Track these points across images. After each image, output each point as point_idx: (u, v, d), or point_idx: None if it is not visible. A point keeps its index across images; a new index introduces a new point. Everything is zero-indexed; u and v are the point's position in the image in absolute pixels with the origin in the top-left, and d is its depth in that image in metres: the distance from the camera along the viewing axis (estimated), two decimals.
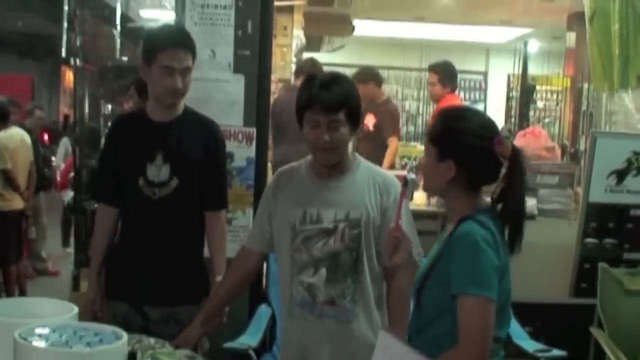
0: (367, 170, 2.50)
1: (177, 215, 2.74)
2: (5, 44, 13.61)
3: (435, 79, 5.45)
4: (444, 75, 5.43)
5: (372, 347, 1.92)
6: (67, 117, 14.48)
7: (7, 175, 6.06)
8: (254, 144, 3.69)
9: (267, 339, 3.31)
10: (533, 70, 9.12)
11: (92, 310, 2.79)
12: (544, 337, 3.50)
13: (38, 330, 1.72)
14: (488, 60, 12.67)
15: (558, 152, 5.44)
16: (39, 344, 1.66)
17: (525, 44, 8.86)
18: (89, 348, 1.67)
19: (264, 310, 3.42)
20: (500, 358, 2.04)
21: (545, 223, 4.58)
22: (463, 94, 12.10)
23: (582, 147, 6.13)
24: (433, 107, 7.25)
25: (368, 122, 5.95)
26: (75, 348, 1.67)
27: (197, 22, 3.63)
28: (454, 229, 1.99)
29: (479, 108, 12.25)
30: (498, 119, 9.72)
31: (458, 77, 5.69)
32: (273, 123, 4.76)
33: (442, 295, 1.94)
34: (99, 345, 1.69)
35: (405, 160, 6.74)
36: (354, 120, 2.41)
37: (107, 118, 7.63)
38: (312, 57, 7.51)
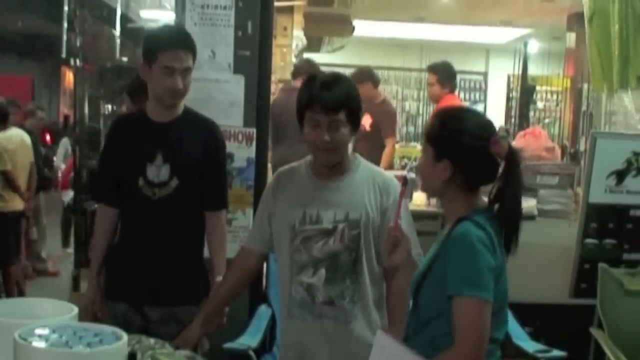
0: (367, 171, 2.50)
1: (177, 216, 2.74)
2: (6, 45, 13.62)
3: (434, 80, 5.45)
4: (443, 76, 5.43)
5: (371, 347, 1.92)
6: (67, 117, 14.48)
7: (6, 177, 6.05)
8: (254, 145, 3.70)
9: (267, 340, 3.31)
10: (533, 71, 9.11)
11: (92, 311, 2.79)
12: (544, 337, 3.50)
13: (38, 331, 1.72)
14: (488, 61, 12.67)
15: (558, 152, 5.44)
16: (39, 345, 1.66)
17: (525, 45, 8.86)
18: (89, 348, 1.67)
19: (264, 311, 3.42)
20: (497, 359, 2.04)
21: (545, 223, 4.58)
22: (463, 95, 12.10)
23: (582, 147, 6.12)
24: (433, 107, 7.25)
25: (365, 122, 5.95)
26: (75, 348, 1.67)
27: (197, 22, 3.63)
28: (451, 230, 1.99)
29: (479, 108, 12.29)
30: (498, 120, 9.75)
31: (457, 77, 5.70)
32: (272, 124, 4.75)
33: (439, 296, 1.94)
34: (99, 346, 1.69)
35: (406, 161, 6.75)
36: (355, 121, 2.41)
37: (107, 118, 7.62)
38: (308, 57, 7.53)
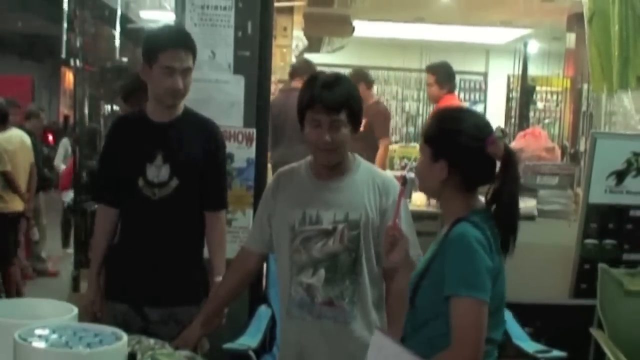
0: (366, 171, 2.50)
1: (176, 216, 2.74)
2: (6, 45, 13.61)
3: (433, 80, 5.44)
4: (441, 76, 5.42)
5: None
6: (67, 118, 14.48)
7: (6, 177, 6.05)
8: (254, 145, 3.70)
9: (267, 340, 3.30)
10: (533, 71, 9.10)
11: (92, 311, 2.80)
12: (544, 337, 3.50)
13: (38, 331, 1.72)
14: (488, 61, 12.66)
15: (558, 152, 5.44)
16: (39, 345, 1.66)
17: (525, 45, 8.85)
18: (89, 349, 1.67)
19: (264, 311, 3.42)
20: (494, 359, 2.04)
21: (545, 224, 4.58)
22: (463, 95, 12.09)
23: (582, 147, 6.12)
24: (433, 107, 7.26)
25: None
26: (75, 349, 1.67)
27: (197, 23, 3.63)
28: (449, 230, 1.98)
29: (479, 109, 12.28)
30: (498, 120, 9.74)
31: (457, 78, 5.69)
32: (270, 124, 4.74)
33: (436, 296, 1.94)
34: (99, 346, 1.69)
35: (405, 161, 6.74)
36: (355, 121, 2.41)
37: (107, 119, 7.62)
38: (306, 58, 7.52)
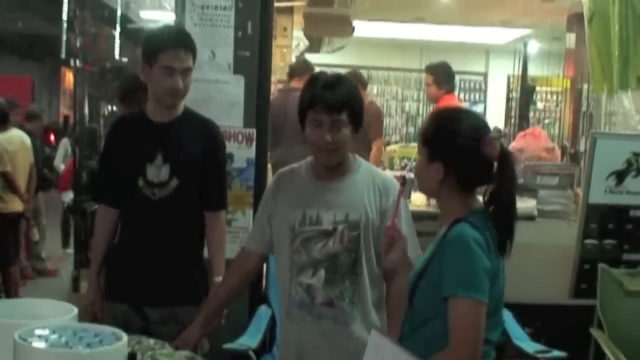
0: (367, 172, 2.51)
1: (176, 216, 2.74)
2: (5, 45, 13.60)
3: (431, 80, 5.42)
4: (439, 76, 5.39)
5: None
6: (67, 118, 14.48)
7: (6, 178, 6.04)
8: (254, 145, 3.69)
9: (267, 340, 3.30)
10: (533, 71, 9.11)
11: (92, 311, 2.80)
12: (544, 338, 3.49)
13: (38, 331, 1.71)
14: (488, 61, 12.67)
15: (558, 153, 5.43)
16: (39, 345, 1.66)
17: (525, 45, 8.85)
18: (89, 349, 1.67)
19: (264, 311, 3.42)
20: (492, 359, 2.04)
21: (545, 224, 4.58)
22: (463, 95, 12.10)
23: (582, 148, 6.12)
24: (432, 107, 7.25)
25: None
26: (75, 349, 1.67)
27: (197, 23, 3.63)
28: (447, 231, 1.98)
29: (479, 109, 12.29)
30: (498, 120, 9.73)
31: (456, 78, 5.67)
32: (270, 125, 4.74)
33: (434, 297, 1.94)
34: (99, 346, 1.69)
35: (406, 161, 6.74)
36: (356, 122, 2.41)
37: (107, 119, 7.63)
38: (304, 58, 7.51)
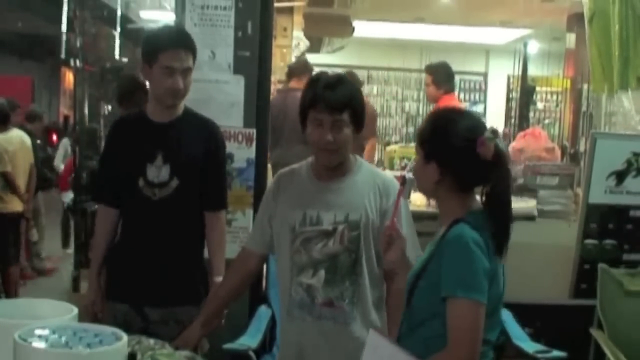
0: (367, 172, 2.51)
1: (177, 216, 2.74)
2: (5, 45, 13.60)
3: (430, 80, 5.41)
4: (438, 77, 5.38)
5: None
6: (67, 118, 14.48)
7: (6, 178, 6.04)
8: (254, 145, 3.69)
9: (267, 340, 3.30)
10: (533, 72, 9.10)
11: (92, 311, 2.80)
12: (544, 338, 3.49)
13: (38, 332, 1.71)
14: (488, 61, 12.67)
15: (558, 153, 5.44)
16: (39, 345, 1.66)
17: (525, 45, 8.84)
18: (89, 349, 1.67)
19: (264, 311, 3.42)
20: None
21: (545, 224, 4.57)
22: (463, 95, 12.09)
23: (582, 148, 6.11)
24: (432, 108, 7.25)
25: None
26: (75, 349, 1.67)
27: (197, 23, 3.63)
28: (446, 231, 1.98)
29: (479, 109, 12.28)
30: (498, 120, 9.72)
31: (456, 78, 5.66)
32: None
33: (433, 297, 1.94)
34: (99, 347, 1.69)
35: (406, 161, 6.74)
36: (357, 122, 2.41)
37: (107, 119, 7.63)
38: (303, 58, 7.50)
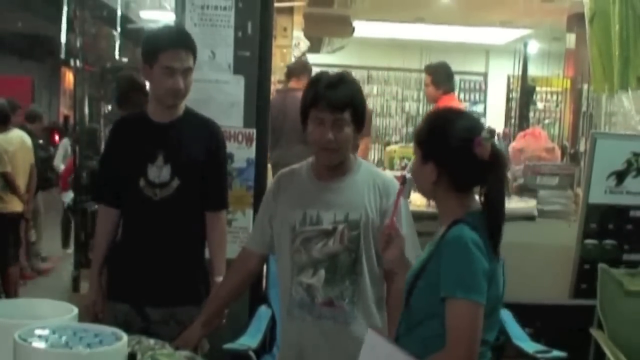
0: (367, 172, 2.51)
1: (178, 216, 2.74)
2: (5, 45, 13.60)
3: (429, 80, 5.41)
4: (437, 77, 5.38)
5: None
6: (67, 118, 14.47)
7: (6, 178, 6.04)
8: (254, 145, 3.69)
9: (267, 340, 3.31)
10: (533, 72, 9.11)
11: (93, 311, 2.80)
12: (544, 338, 3.50)
13: (38, 332, 1.71)
14: (488, 62, 12.68)
15: (558, 153, 5.44)
16: (39, 345, 1.66)
17: (525, 45, 8.85)
18: (89, 349, 1.67)
19: (264, 311, 3.42)
20: None
21: (545, 224, 4.57)
22: (463, 95, 12.10)
23: (582, 148, 6.12)
24: (432, 107, 7.25)
25: None
26: (75, 349, 1.67)
27: (197, 23, 3.63)
28: (446, 231, 1.98)
29: (479, 109, 12.28)
30: (498, 121, 9.72)
31: (456, 78, 5.66)
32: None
33: (432, 297, 1.94)
34: (99, 347, 1.69)
35: (406, 161, 6.74)
36: (358, 122, 2.41)
37: (107, 119, 7.63)
38: (302, 58, 7.50)
